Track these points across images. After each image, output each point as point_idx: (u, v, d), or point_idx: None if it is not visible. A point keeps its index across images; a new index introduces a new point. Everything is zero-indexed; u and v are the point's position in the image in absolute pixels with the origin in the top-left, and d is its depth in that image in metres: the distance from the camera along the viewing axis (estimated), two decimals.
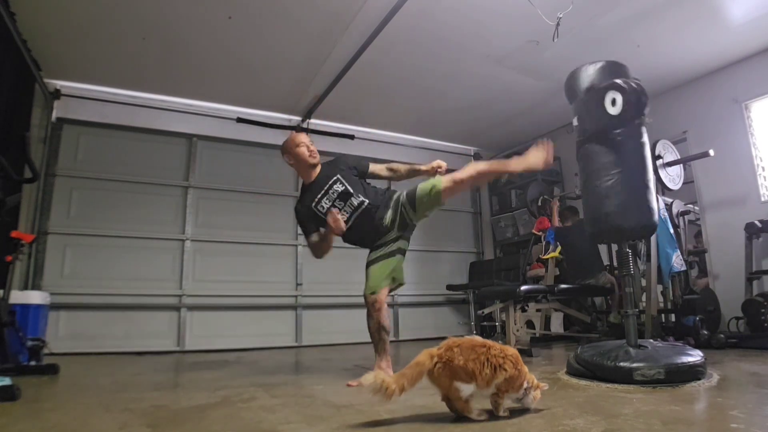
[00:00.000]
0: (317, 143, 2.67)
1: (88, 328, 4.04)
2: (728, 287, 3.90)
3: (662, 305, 3.66)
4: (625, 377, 1.95)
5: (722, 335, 3.28)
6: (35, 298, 3.23)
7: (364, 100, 4.87)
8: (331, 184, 2.49)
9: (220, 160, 4.92)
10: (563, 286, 3.79)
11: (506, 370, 1.41)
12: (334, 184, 2.49)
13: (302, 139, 2.58)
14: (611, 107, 2.19)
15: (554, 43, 3.36)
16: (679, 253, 3.51)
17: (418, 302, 5.56)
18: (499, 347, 1.46)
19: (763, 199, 3.96)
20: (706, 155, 3.67)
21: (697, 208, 4.31)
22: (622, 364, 1.99)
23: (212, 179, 4.83)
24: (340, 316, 4.99)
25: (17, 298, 2.95)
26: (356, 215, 2.47)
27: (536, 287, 3.79)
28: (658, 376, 1.91)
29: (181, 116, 4.74)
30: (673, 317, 3.68)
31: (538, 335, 4.11)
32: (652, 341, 2.25)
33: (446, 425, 1.40)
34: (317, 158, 2.56)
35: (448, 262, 5.93)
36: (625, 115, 2.16)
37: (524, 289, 3.44)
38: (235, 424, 1.51)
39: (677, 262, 3.46)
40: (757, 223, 3.66)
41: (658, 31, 3.72)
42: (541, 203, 5.01)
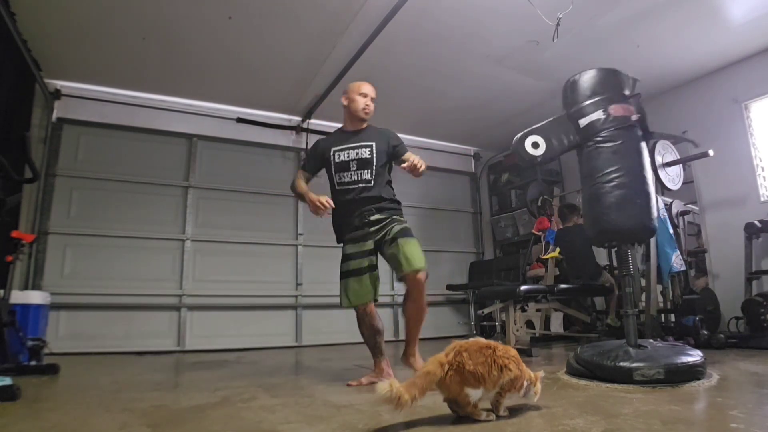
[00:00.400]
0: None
1: (88, 328, 4.04)
2: (728, 287, 3.90)
3: (662, 305, 3.66)
4: (624, 377, 1.96)
5: (722, 335, 3.28)
6: (35, 298, 3.23)
7: None
8: (362, 145, 2.40)
9: (220, 160, 4.92)
10: (563, 286, 3.79)
11: (511, 370, 1.42)
12: (365, 147, 2.40)
13: (368, 90, 2.49)
14: (532, 150, 2.34)
15: (554, 43, 3.36)
16: (678, 253, 3.51)
17: None
18: (502, 347, 1.47)
19: (762, 199, 3.97)
20: (705, 155, 3.66)
21: (696, 208, 4.31)
22: (621, 364, 1.99)
23: (212, 179, 4.83)
24: (340, 316, 4.96)
25: (17, 298, 2.95)
26: (355, 193, 2.36)
27: (536, 287, 3.79)
28: (657, 376, 1.92)
29: (181, 116, 4.75)
30: (672, 317, 3.68)
31: (537, 335, 4.11)
32: (651, 341, 2.24)
33: (446, 425, 1.40)
34: (368, 116, 2.48)
35: (448, 262, 5.92)
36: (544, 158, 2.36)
37: (524, 289, 3.44)
38: (235, 424, 1.51)
39: (677, 262, 3.45)
40: (756, 223, 3.66)
41: (658, 31, 3.72)
42: (540, 203, 5.01)
